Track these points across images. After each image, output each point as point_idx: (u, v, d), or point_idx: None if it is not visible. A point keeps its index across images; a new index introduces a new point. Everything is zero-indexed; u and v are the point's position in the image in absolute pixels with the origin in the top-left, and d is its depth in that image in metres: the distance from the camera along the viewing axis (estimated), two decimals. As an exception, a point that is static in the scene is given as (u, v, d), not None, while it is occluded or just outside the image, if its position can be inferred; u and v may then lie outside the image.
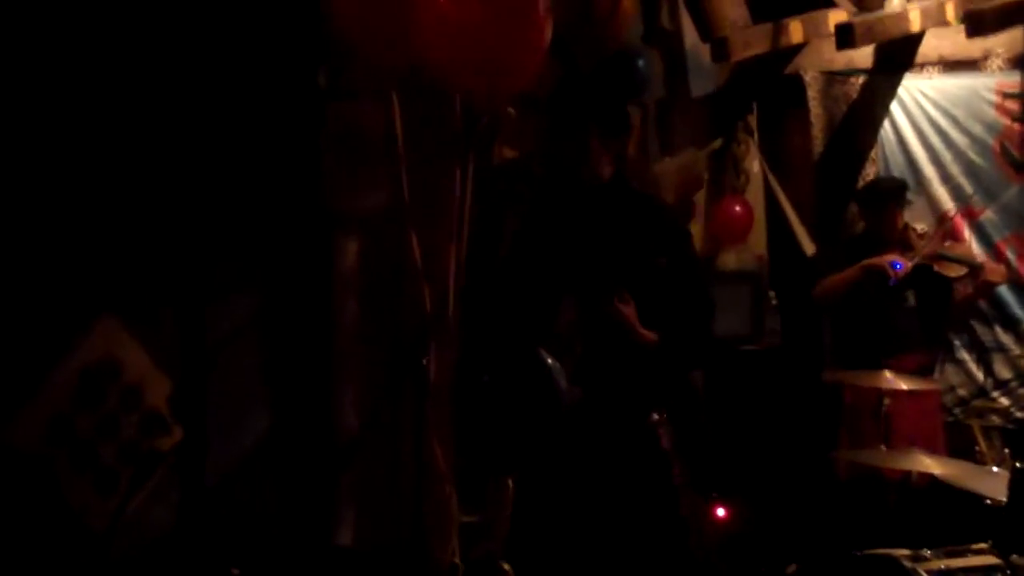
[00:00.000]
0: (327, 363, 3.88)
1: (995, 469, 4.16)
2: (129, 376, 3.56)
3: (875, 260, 5.15)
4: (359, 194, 3.85)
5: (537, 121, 3.58)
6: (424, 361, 3.04)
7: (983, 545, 3.77)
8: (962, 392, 5.86)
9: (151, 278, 3.63)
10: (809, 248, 6.16)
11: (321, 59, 3.86)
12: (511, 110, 3.88)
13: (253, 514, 3.74)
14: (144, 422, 3.54)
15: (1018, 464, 3.78)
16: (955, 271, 5.11)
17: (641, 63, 5.30)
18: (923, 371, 5.17)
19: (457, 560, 3.10)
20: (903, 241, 5.22)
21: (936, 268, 5.12)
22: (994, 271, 5.25)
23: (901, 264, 5.08)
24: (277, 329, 3.89)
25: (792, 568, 5.17)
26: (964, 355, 5.92)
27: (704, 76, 6.02)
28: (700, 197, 6.00)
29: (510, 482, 3.02)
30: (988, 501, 3.86)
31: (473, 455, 3.02)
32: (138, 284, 3.60)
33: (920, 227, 5.43)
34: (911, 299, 5.23)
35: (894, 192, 5.42)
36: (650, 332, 3.18)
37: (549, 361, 2.86)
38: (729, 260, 6.00)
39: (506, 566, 2.87)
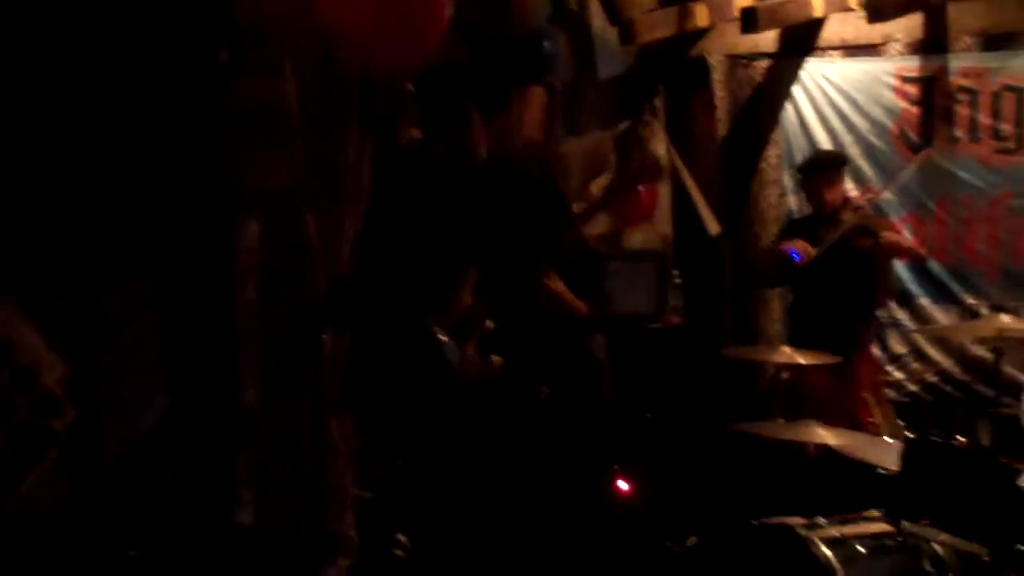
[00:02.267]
0: (228, 342, 3.84)
1: (888, 440, 4.27)
2: (22, 358, 3.48)
3: (778, 247, 5.29)
4: (261, 172, 3.80)
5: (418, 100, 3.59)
6: (321, 339, 3.04)
7: (875, 513, 3.89)
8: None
9: (45, 260, 3.56)
10: (713, 228, 6.25)
11: (223, 33, 3.81)
12: (410, 87, 3.88)
13: (151, 495, 3.69)
14: (37, 404, 3.48)
15: (909, 435, 3.90)
16: (870, 242, 5.20)
17: (548, 45, 5.31)
18: (855, 347, 5.27)
19: (353, 534, 3.10)
20: (834, 216, 5.29)
21: (854, 244, 5.20)
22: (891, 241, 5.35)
23: (799, 255, 5.18)
24: (177, 309, 3.84)
25: (693, 540, 5.26)
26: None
27: (611, 58, 6.06)
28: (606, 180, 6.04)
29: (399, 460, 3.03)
30: (881, 470, 3.97)
31: (366, 432, 3.03)
32: (32, 266, 3.53)
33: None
34: (840, 277, 5.31)
35: (818, 166, 5.50)
36: (580, 302, 3.24)
37: (441, 337, 2.88)
38: (635, 239, 6.05)
39: (402, 538, 2.88)
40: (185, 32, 3.70)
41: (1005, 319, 3.69)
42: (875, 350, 5.93)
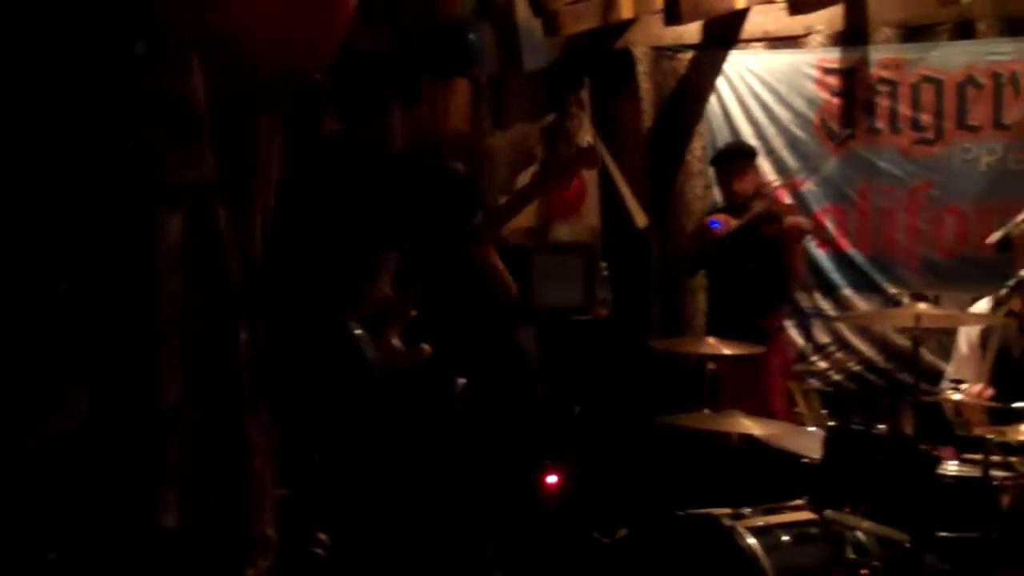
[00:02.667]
0: (150, 340, 3.77)
1: (812, 429, 4.32)
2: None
3: (699, 223, 5.38)
4: (178, 166, 3.74)
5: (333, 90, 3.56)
6: (237, 335, 3.00)
7: (799, 501, 3.93)
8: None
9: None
10: (641, 220, 6.28)
11: (138, 27, 3.73)
12: (318, 77, 3.83)
13: (72, 498, 3.62)
14: (-48, 406, 3.39)
15: (832, 423, 3.95)
16: (775, 228, 5.27)
17: (473, 36, 5.29)
18: (770, 334, 5.33)
19: (272, 533, 3.06)
20: (744, 206, 5.33)
21: (762, 231, 5.27)
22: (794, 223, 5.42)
23: (719, 223, 5.27)
24: (97, 308, 3.77)
25: (623, 532, 5.29)
26: (785, 321, 6.13)
27: (537, 50, 6.06)
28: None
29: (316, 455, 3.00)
30: (805, 459, 4.02)
31: (282, 428, 2.99)
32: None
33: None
34: (752, 264, 5.37)
35: (727, 157, 5.57)
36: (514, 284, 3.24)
37: (356, 330, 2.85)
38: (562, 232, 6.07)
39: (322, 536, 2.85)
40: (100, 24, 3.62)
41: (922, 307, 3.74)
42: (795, 338, 6.02)
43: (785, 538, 3.72)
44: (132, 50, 3.71)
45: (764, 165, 6.11)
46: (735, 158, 5.55)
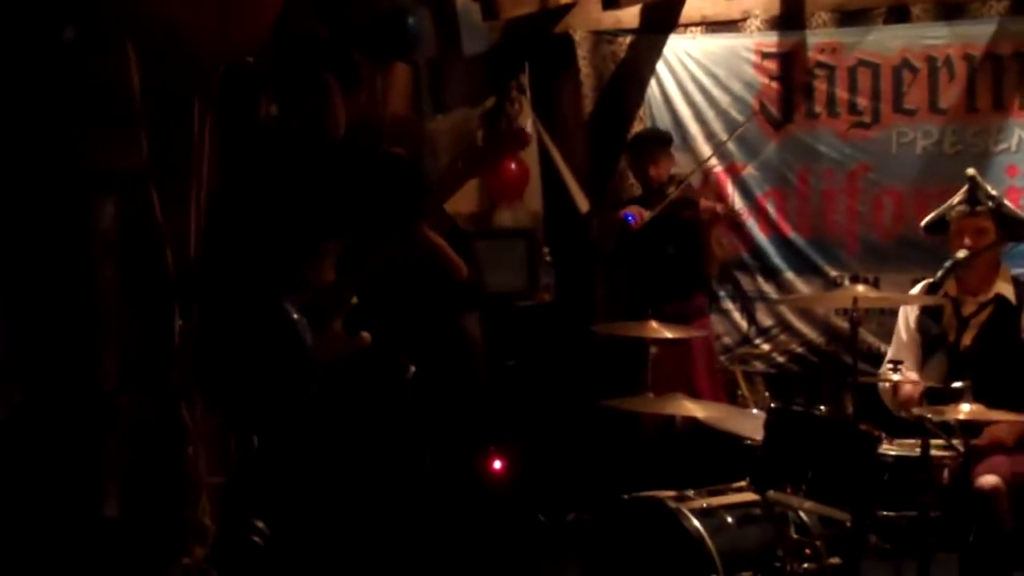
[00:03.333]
0: (86, 329, 3.71)
1: (754, 411, 4.35)
2: None
3: (615, 213, 5.39)
4: (112, 153, 3.68)
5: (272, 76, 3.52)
6: (172, 322, 2.96)
7: (742, 483, 3.96)
8: (727, 340, 6.11)
9: None
10: (583, 205, 6.28)
11: (69, 12, 3.67)
12: (250, 60, 3.79)
13: (10, 492, 3.56)
14: None
15: (773, 405, 3.97)
16: (691, 213, 5.30)
17: (412, 21, 5.26)
18: (691, 317, 5.36)
19: (207, 521, 3.03)
20: (660, 192, 5.37)
21: (678, 216, 5.30)
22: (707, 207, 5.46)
23: (633, 216, 5.30)
24: (31, 299, 3.70)
25: (571, 516, 5.31)
26: (729, 305, 6.18)
27: (476, 35, 6.03)
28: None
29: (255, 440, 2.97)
30: (747, 441, 4.04)
31: (220, 415, 2.95)
32: None
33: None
34: (671, 249, 5.40)
35: (642, 144, 5.59)
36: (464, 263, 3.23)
37: (294, 316, 2.82)
38: (505, 217, 6.05)
39: (260, 524, 2.82)
40: (29, 10, 3.55)
41: (860, 289, 3.78)
42: (738, 321, 6.07)
43: (729, 519, 3.76)
44: (61, 36, 3.65)
45: (704, 150, 6.15)
46: (651, 144, 5.59)
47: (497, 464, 4.63)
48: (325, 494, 2.91)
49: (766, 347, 6.08)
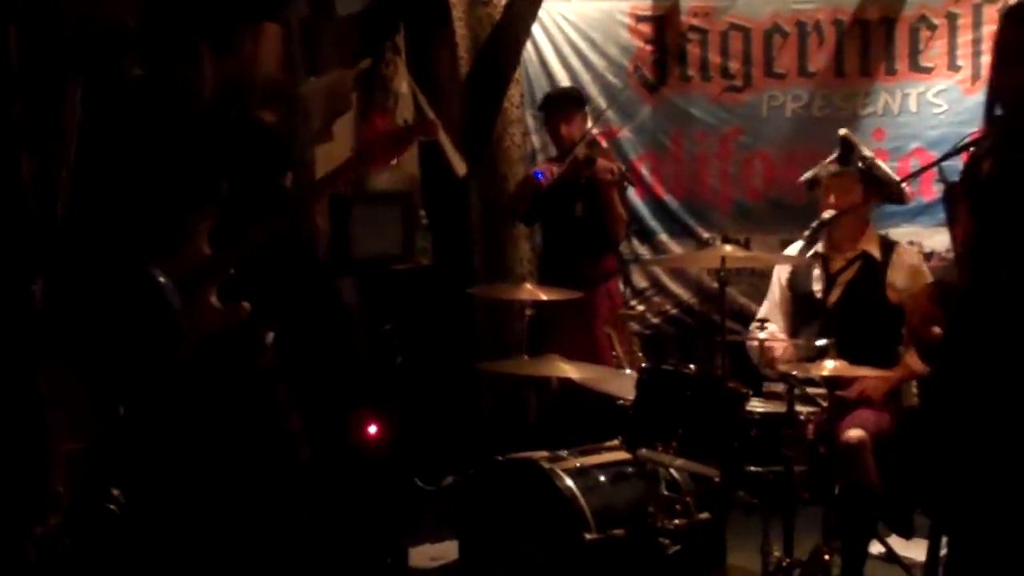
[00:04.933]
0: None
1: (628, 371, 4.39)
2: None
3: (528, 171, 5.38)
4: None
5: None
6: (32, 287, 2.85)
7: (614, 442, 4.00)
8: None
9: None
10: (460, 168, 6.24)
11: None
12: (126, 21, 3.65)
13: None
14: None
15: (644, 365, 4.02)
16: (589, 172, 5.29)
17: (283, -21, 5.13)
18: (601, 277, 5.38)
19: (62, 489, 2.94)
20: (571, 151, 5.31)
21: (580, 175, 5.29)
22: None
23: (542, 173, 5.29)
24: None
25: (448, 479, 5.31)
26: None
27: (350, -6, 5.93)
28: (349, 119, 5.93)
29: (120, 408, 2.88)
30: (620, 401, 4.08)
31: (81, 380, 2.86)
32: None
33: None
34: (579, 209, 5.39)
35: (554, 103, 5.54)
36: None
37: (161, 280, 2.74)
38: (380, 180, 5.97)
39: (115, 492, 2.74)
40: None
41: (728, 248, 3.83)
42: (619, 283, 6.12)
43: (601, 478, 3.79)
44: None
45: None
46: (562, 103, 5.53)
47: (372, 429, 4.59)
48: (186, 463, 2.85)
49: (641, 308, 6.14)
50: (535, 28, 6.25)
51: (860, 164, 4.53)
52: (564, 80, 6.22)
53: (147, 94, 3.32)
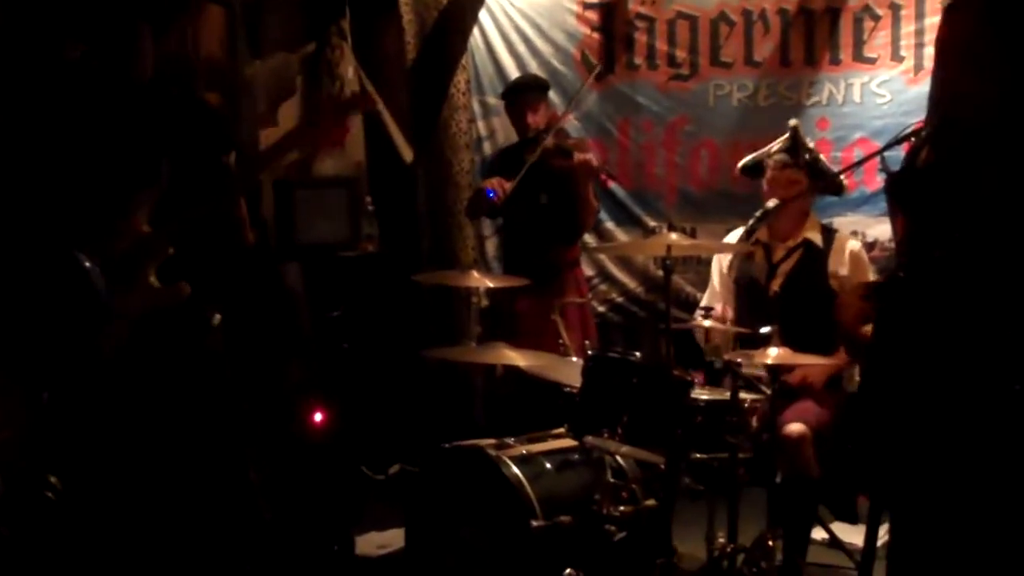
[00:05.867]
0: None
1: (574, 359, 4.39)
2: None
3: (480, 185, 5.32)
4: None
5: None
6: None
7: (561, 430, 4.01)
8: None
9: None
10: (407, 154, 6.21)
11: None
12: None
13: None
14: None
15: (590, 352, 4.02)
16: (565, 163, 5.26)
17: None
18: (567, 266, 5.37)
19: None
20: (536, 140, 5.26)
21: (552, 165, 5.26)
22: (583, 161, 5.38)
23: (494, 192, 5.23)
24: None
25: (396, 467, 5.29)
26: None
27: (295, -24, 5.87)
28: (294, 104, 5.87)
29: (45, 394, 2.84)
30: (567, 388, 4.09)
31: (9, 367, 2.81)
32: None
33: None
34: (544, 198, 5.36)
35: (519, 91, 5.50)
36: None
37: (86, 264, 2.70)
38: (326, 166, 5.92)
39: (53, 479, 2.70)
40: None
41: (673, 236, 3.84)
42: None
43: (548, 465, 3.79)
44: None
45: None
46: (527, 91, 5.47)
47: (318, 416, 4.56)
48: (128, 447, 2.82)
49: (588, 296, 6.15)
50: (482, 14, 6.23)
51: (807, 156, 4.57)
52: (511, 66, 6.21)
53: (86, 73, 3.27)
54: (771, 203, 4.36)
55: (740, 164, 4.80)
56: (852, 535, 4.43)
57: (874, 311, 2.99)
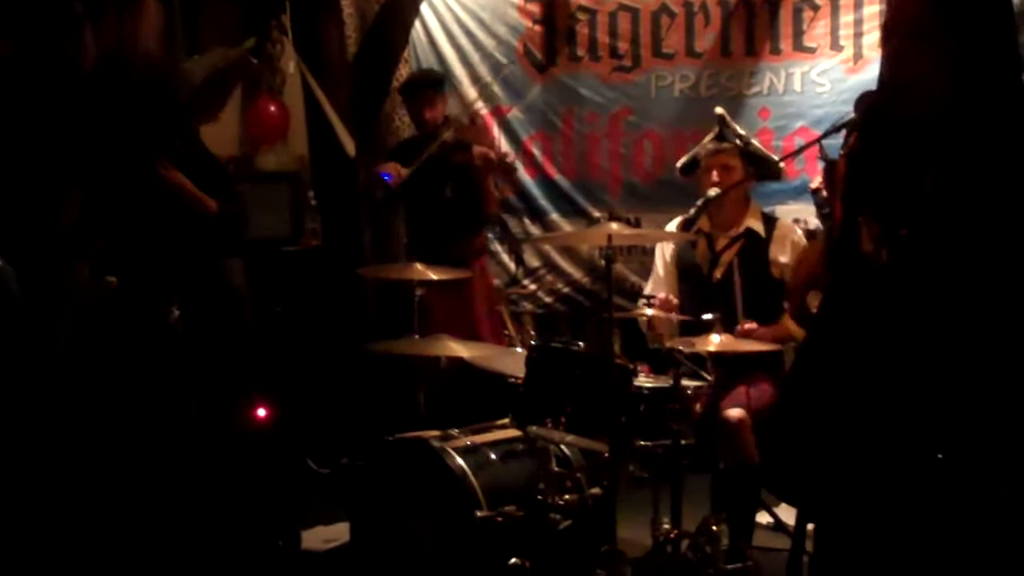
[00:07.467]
0: None
1: (518, 349, 4.40)
2: None
3: (374, 169, 5.32)
4: None
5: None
6: None
7: (505, 420, 4.01)
8: (496, 281, 6.16)
9: None
10: (350, 148, 6.18)
11: None
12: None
13: None
14: None
15: (534, 342, 4.03)
16: (464, 157, 5.28)
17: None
18: (471, 257, 5.37)
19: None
20: (434, 135, 5.30)
21: (451, 159, 5.28)
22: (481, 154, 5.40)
23: (390, 176, 5.24)
24: None
25: (344, 460, 5.27)
26: (497, 247, 6.24)
27: (233, -29, 5.82)
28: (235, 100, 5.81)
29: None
30: (511, 379, 4.09)
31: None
32: None
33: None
34: (448, 192, 5.37)
35: (416, 86, 5.52)
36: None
37: (-1, 264, 2.65)
38: (268, 161, 5.90)
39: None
40: None
41: (615, 226, 3.85)
42: (507, 262, 6.13)
43: (492, 456, 3.79)
44: None
45: (470, 92, 6.15)
46: (424, 87, 5.50)
47: (261, 411, 4.53)
48: (75, 445, 2.77)
49: (533, 287, 6.17)
50: (423, 7, 6.23)
51: (737, 141, 4.60)
52: (453, 59, 6.20)
53: (17, 64, 3.22)
54: (711, 192, 4.39)
55: (678, 164, 4.83)
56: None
57: (826, 280, 3.00)
